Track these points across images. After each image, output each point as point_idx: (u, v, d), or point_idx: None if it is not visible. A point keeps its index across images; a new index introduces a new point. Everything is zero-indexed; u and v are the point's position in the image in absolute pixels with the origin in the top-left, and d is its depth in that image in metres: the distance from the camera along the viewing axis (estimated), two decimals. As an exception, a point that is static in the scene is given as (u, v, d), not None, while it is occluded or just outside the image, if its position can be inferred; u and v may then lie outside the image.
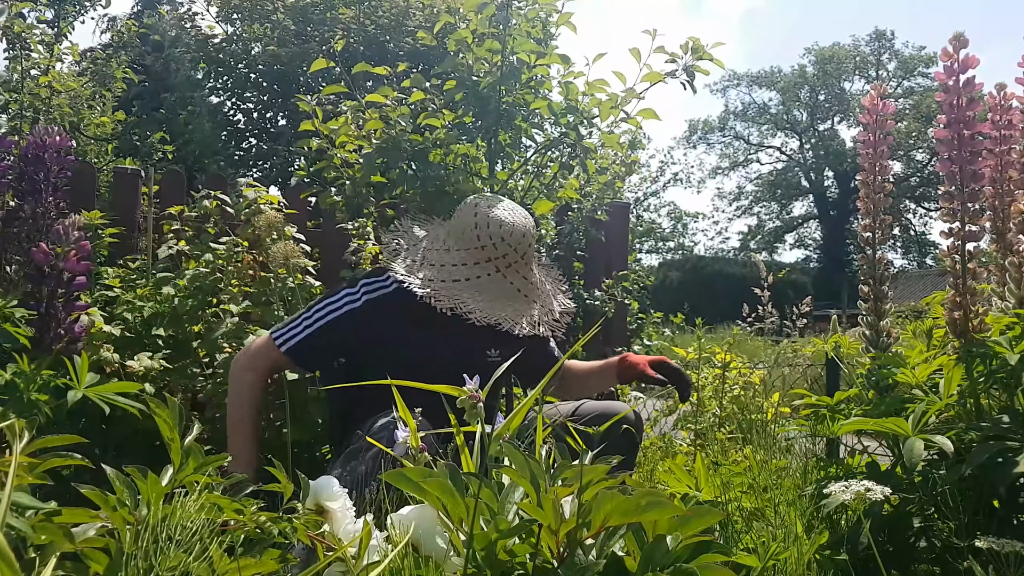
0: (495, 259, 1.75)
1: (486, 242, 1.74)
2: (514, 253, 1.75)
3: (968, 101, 1.50)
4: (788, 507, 1.33)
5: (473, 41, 2.20)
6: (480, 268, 1.74)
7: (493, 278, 1.75)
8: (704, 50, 2.19)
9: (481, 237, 1.74)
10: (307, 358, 1.80)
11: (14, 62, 4.61)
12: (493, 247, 1.74)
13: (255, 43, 11.67)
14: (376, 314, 1.76)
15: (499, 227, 1.74)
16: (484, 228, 1.74)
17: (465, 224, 1.77)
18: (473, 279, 1.74)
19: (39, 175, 1.55)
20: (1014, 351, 1.35)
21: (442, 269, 1.74)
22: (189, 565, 0.78)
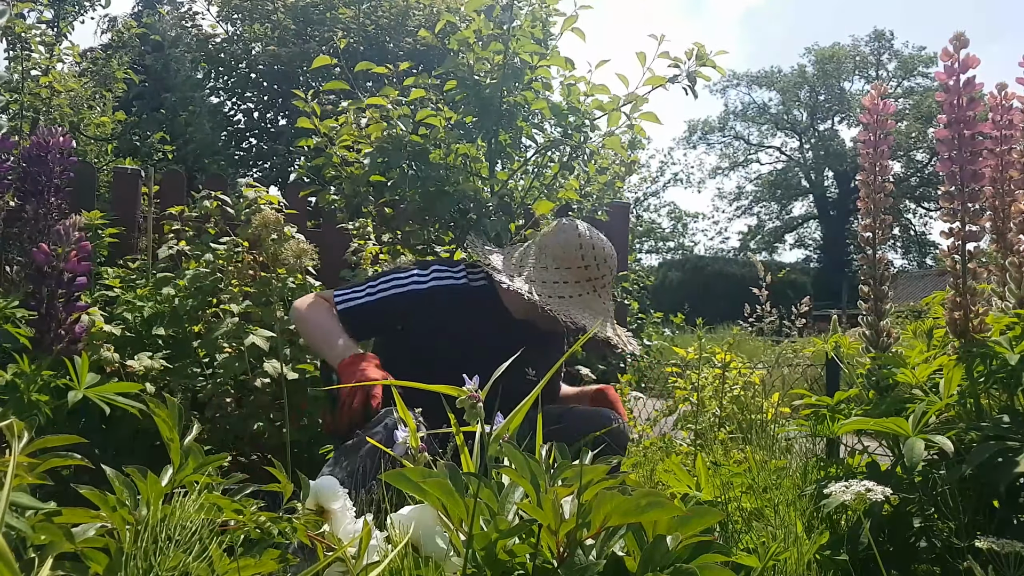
0: (594, 279, 1.84)
1: (590, 263, 1.83)
2: (610, 275, 1.86)
3: (968, 101, 1.50)
4: (788, 507, 1.33)
5: (475, 42, 2.20)
6: (580, 287, 1.83)
7: (591, 297, 1.84)
8: (708, 57, 2.20)
9: (586, 257, 1.83)
10: (356, 324, 1.84)
11: (15, 62, 4.61)
12: (596, 268, 1.83)
13: (255, 43, 11.68)
14: (437, 301, 1.81)
15: (603, 250, 1.85)
16: (589, 249, 1.83)
17: (568, 244, 1.84)
18: (576, 296, 1.82)
19: (41, 176, 1.55)
20: (1014, 351, 1.34)
21: (544, 285, 1.81)
22: (189, 565, 0.78)
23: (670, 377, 2.87)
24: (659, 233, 37.68)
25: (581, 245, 1.83)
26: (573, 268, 1.82)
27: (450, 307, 1.81)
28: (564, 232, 1.86)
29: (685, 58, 2.21)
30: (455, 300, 1.82)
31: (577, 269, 1.82)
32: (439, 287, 1.83)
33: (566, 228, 1.87)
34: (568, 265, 1.82)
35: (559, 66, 2.28)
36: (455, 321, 1.80)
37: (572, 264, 1.82)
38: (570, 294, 1.81)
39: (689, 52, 2.20)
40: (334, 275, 2.71)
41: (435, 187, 2.20)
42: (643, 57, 2.17)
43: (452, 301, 1.82)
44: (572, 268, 1.82)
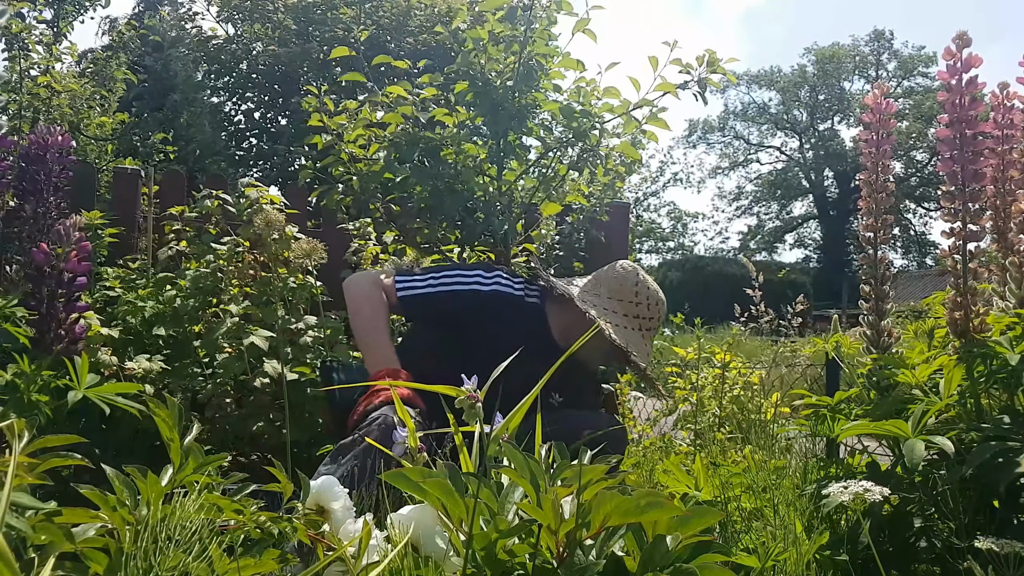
0: (643, 317, 1.92)
1: (642, 301, 1.91)
2: (657, 320, 1.94)
3: (970, 100, 1.50)
4: (788, 507, 1.33)
5: (489, 41, 2.20)
6: (629, 320, 1.90)
7: (637, 335, 1.90)
8: (719, 63, 2.20)
9: (639, 295, 1.91)
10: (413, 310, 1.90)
11: (12, 62, 4.61)
12: (647, 308, 1.91)
13: (256, 43, 11.68)
14: (493, 306, 1.85)
15: (657, 293, 1.95)
16: (644, 290, 1.92)
17: (625, 279, 1.93)
18: (622, 328, 1.87)
19: (40, 175, 1.55)
20: (1015, 351, 1.34)
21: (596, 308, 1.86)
22: (189, 565, 0.78)
23: (670, 377, 2.87)
24: (659, 233, 37.70)
25: (637, 283, 1.92)
26: (625, 301, 1.90)
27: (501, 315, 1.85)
28: (623, 269, 1.95)
29: (696, 64, 2.21)
30: (507, 310, 1.86)
31: (629, 303, 1.90)
32: (499, 293, 1.88)
33: (625, 267, 1.96)
34: (621, 298, 1.90)
35: (571, 68, 2.28)
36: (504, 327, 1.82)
37: (625, 297, 1.90)
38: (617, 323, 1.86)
39: (700, 59, 2.21)
40: (334, 275, 2.70)
41: (444, 185, 2.20)
42: (655, 63, 2.17)
43: (505, 310, 1.86)
44: (624, 301, 1.90)
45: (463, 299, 1.85)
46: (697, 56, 2.22)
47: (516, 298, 1.89)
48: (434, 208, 2.27)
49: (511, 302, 1.88)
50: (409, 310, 1.89)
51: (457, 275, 1.89)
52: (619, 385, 2.99)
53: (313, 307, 2.51)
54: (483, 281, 1.88)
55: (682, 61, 2.20)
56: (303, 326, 2.33)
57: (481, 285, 1.87)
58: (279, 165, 11.74)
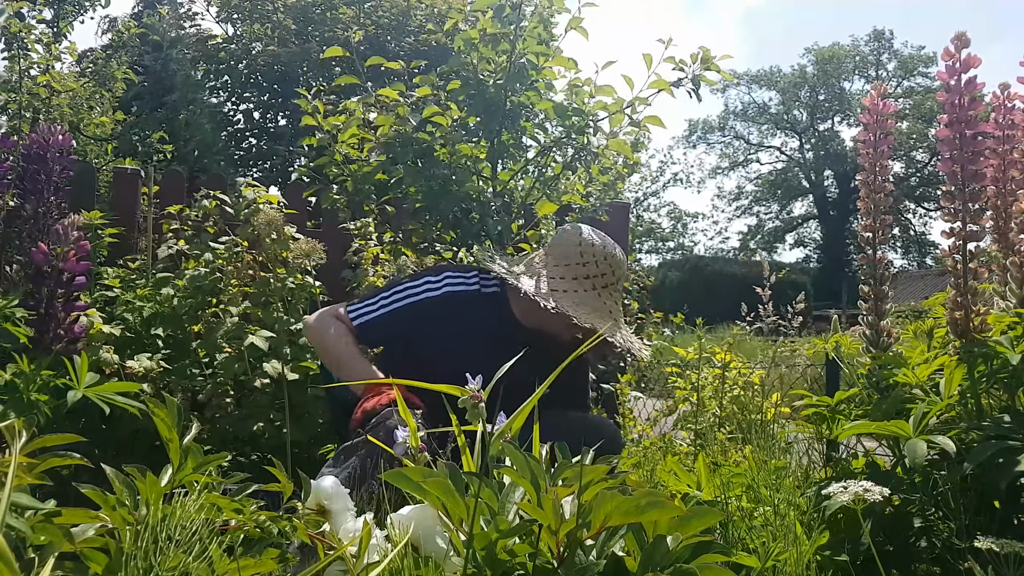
0: (594, 277, 1.84)
1: (589, 260, 1.83)
2: (612, 275, 1.85)
3: (970, 100, 1.50)
4: (788, 507, 1.33)
5: (480, 41, 2.19)
6: (578, 283, 1.83)
7: (590, 295, 1.83)
8: (712, 61, 2.20)
9: (584, 255, 1.84)
10: (373, 336, 1.85)
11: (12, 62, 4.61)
12: (595, 265, 1.84)
13: (255, 43, 11.68)
14: (451, 307, 1.82)
15: (603, 248, 1.86)
16: (588, 247, 1.84)
17: (568, 243, 1.86)
18: (571, 291, 1.82)
19: (41, 175, 1.55)
20: (1015, 351, 1.34)
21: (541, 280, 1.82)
22: (189, 565, 0.78)
23: (670, 377, 2.86)
24: (659, 233, 37.70)
25: (580, 243, 1.84)
26: (572, 265, 1.83)
27: (462, 313, 1.82)
28: (564, 233, 1.89)
29: (690, 62, 2.21)
30: (467, 306, 1.83)
31: (576, 266, 1.83)
32: (452, 293, 1.84)
33: (567, 230, 1.89)
34: (567, 263, 1.83)
35: (564, 67, 2.27)
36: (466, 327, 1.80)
37: (571, 261, 1.83)
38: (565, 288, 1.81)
39: (694, 56, 2.21)
40: (334, 275, 2.70)
41: (439, 186, 2.20)
42: (649, 60, 2.17)
43: (464, 307, 1.83)
44: (571, 265, 1.83)
45: (420, 308, 1.81)
46: (691, 54, 2.22)
47: (471, 292, 1.85)
48: (429, 209, 2.27)
49: (466, 298, 1.84)
50: (368, 336, 1.84)
51: (405, 288, 1.85)
52: (619, 385, 2.99)
53: (313, 307, 2.51)
54: (432, 286, 1.84)
55: (676, 59, 2.19)
56: (303, 326, 2.33)
57: (431, 291, 1.83)
58: (279, 165, 11.74)
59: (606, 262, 1.85)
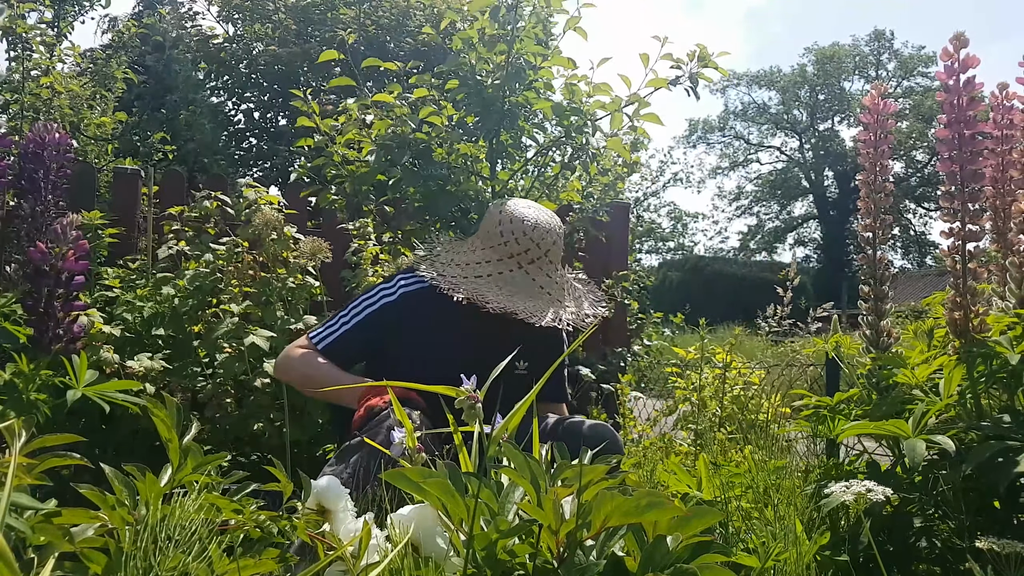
0: (517, 255, 1.77)
1: (508, 238, 1.77)
2: (537, 249, 1.78)
3: (969, 100, 1.50)
4: (788, 507, 1.33)
5: (478, 41, 2.19)
6: (503, 264, 1.77)
7: (516, 274, 1.77)
8: (710, 58, 2.19)
9: (504, 233, 1.78)
10: (342, 356, 1.81)
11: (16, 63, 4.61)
12: (516, 242, 1.77)
13: (256, 43, 11.68)
14: (411, 307, 1.80)
15: (522, 223, 1.78)
16: (507, 224, 1.78)
17: (491, 222, 1.81)
18: (495, 274, 1.76)
19: (39, 173, 1.55)
20: (1015, 351, 1.34)
21: (467, 267, 1.78)
22: (188, 565, 0.78)
23: (670, 377, 2.87)
24: (659, 233, 37.69)
25: (500, 221, 1.78)
26: (495, 245, 1.78)
27: (425, 310, 1.78)
28: (489, 211, 1.83)
29: (687, 59, 2.20)
30: (427, 301, 1.78)
31: (500, 246, 1.77)
32: (408, 292, 1.80)
33: (492, 207, 1.84)
34: (491, 243, 1.79)
35: (562, 66, 2.27)
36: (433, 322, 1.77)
37: (493, 241, 1.78)
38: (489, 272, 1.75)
39: (691, 54, 2.20)
40: (334, 275, 2.71)
41: (437, 186, 2.19)
42: (646, 58, 2.16)
43: (425, 303, 1.78)
44: (494, 246, 1.78)
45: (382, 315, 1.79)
46: (688, 51, 2.21)
47: (426, 289, 1.80)
48: (427, 209, 2.26)
49: (424, 295, 1.79)
50: (336, 355, 1.79)
51: (362, 301, 1.82)
52: (620, 385, 2.99)
53: (313, 307, 2.51)
54: (387, 291, 1.82)
55: (673, 56, 2.19)
56: (303, 326, 2.33)
57: (387, 297, 1.81)
58: (279, 165, 11.73)
59: (527, 237, 1.76)
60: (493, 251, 1.78)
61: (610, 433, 1.81)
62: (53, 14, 5.60)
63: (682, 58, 2.20)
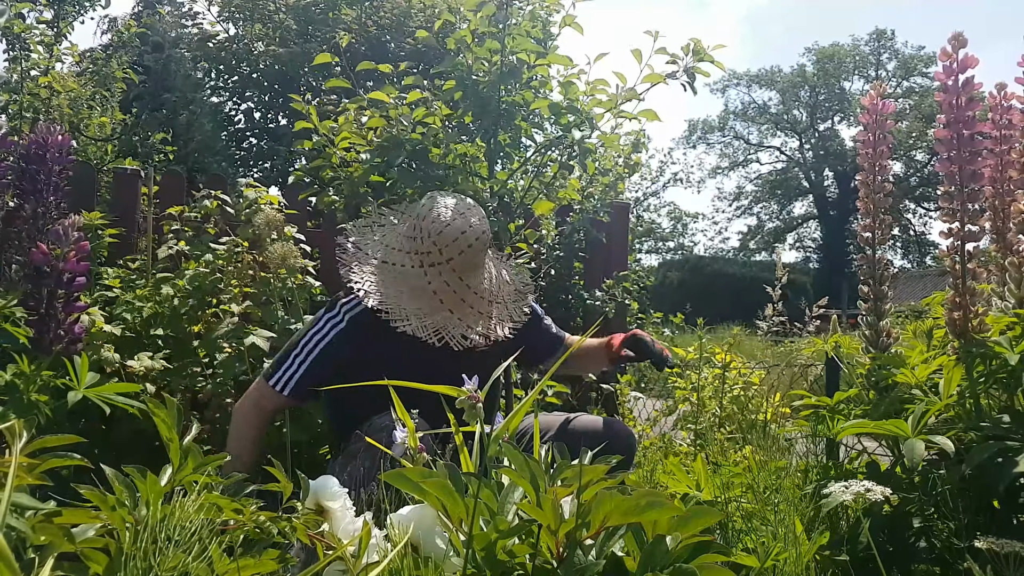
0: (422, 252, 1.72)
1: (418, 234, 1.72)
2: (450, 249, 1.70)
3: (967, 101, 1.50)
4: (787, 507, 1.33)
5: (473, 41, 2.19)
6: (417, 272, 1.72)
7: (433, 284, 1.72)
8: (705, 52, 2.18)
9: (419, 238, 1.72)
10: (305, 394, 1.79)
11: (14, 63, 4.61)
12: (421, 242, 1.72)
13: (256, 43, 11.68)
14: (362, 329, 1.76)
15: (432, 224, 1.71)
16: (423, 225, 1.71)
17: (413, 220, 1.75)
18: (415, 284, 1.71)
19: (40, 174, 1.55)
20: (1014, 351, 1.34)
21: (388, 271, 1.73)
22: (188, 565, 0.78)
23: (670, 377, 2.87)
24: (659, 233, 37.68)
25: (417, 226, 1.73)
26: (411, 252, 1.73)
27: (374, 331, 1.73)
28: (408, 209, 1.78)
29: (682, 54, 2.19)
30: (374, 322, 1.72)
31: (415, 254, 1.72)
32: (353, 317, 1.77)
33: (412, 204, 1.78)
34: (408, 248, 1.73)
35: (559, 64, 2.27)
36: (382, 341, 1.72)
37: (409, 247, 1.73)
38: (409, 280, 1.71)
39: (686, 48, 2.19)
40: (335, 275, 2.70)
41: (434, 187, 2.19)
42: (639, 54, 2.16)
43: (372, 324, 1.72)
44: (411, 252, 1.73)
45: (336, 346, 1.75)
46: (683, 46, 2.20)
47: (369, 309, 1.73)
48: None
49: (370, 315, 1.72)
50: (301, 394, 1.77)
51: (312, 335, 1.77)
52: (619, 385, 2.99)
53: (313, 307, 2.51)
54: (334, 320, 1.78)
55: (668, 51, 2.18)
56: (302, 326, 2.33)
57: (336, 324, 1.77)
58: (279, 165, 11.73)
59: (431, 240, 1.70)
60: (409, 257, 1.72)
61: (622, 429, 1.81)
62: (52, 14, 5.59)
63: (677, 53, 2.19)
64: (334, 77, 2.45)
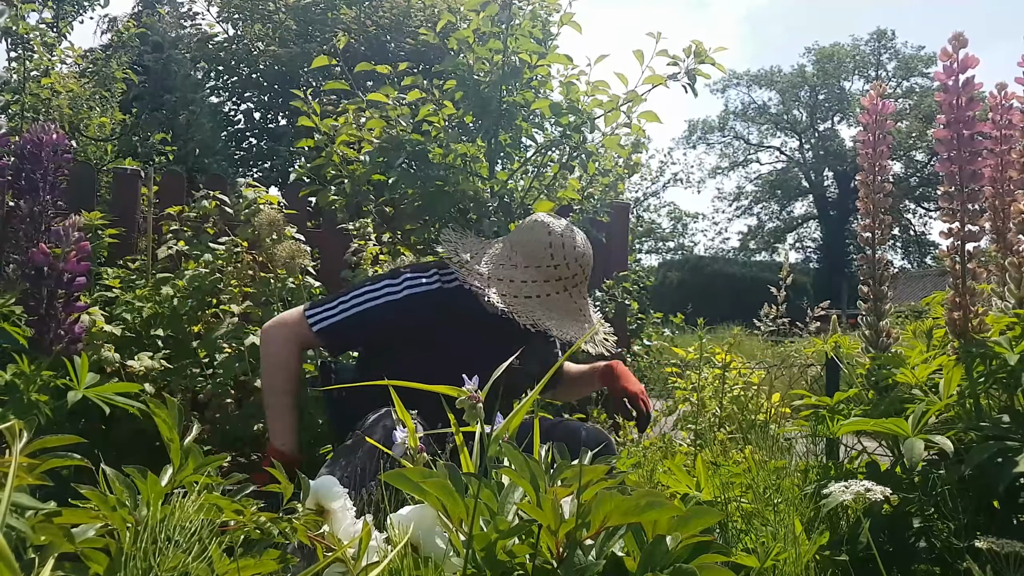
0: (564, 278, 1.81)
1: (559, 262, 1.80)
2: (581, 274, 1.84)
3: (967, 101, 1.50)
4: (787, 507, 1.33)
5: (475, 41, 2.19)
6: (550, 286, 1.80)
7: (561, 297, 1.81)
8: (706, 54, 2.18)
9: (555, 256, 1.80)
10: (335, 342, 1.82)
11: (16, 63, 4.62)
12: (566, 267, 1.81)
13: (256, 43, 11.68)
14: (413, 309, 1.79)
15: (573, 249, 1.82)
16: (559, 249, 1.81)
17: (537, 243, 1.82)
18: (543, 297, 1.79)
19: (36, 173, 1.55)
20: (1014, 351, 1.34)
21: (512, 285, 1.79)
22: (188, 565, 0.78)
23: (670, 377, 2.87)
24: (659, 233, 37.69)
25: (551, 244, 1.80)
26: (543, 267, 1.79)
27: (428, 313, 1.78)
28: (533, 230, 1.83)
29: (684, 56, 2.19)
30: (431, 305, 1.78)
31: (547, 268, 1.79)
32: (413, 295, 1.79)
33: (536, 226, 1.84)
34: (537, 264, 1.79)
35: (559, 63, 2.27)
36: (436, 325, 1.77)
37: (541, 263, 1.79)
38: (537, 293, 1.78)
39: (688, 50, 2.19)
40: (334, 275, 2.71)
41: (435, 187, 2.19)
42: (640, 55, 2.16)
43: (429, 307, 1.78)
44: (541, 267, 1.79)
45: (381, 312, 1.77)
46: (684, 48, 2.20)
47: (433, 291, 1.79)
48: (425, 209, 2.26)
49: (429, 296, 1.79)
50: (328, 340, 1.79)
51: (366, 292, 1.79)
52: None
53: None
54: (392, 288, 1.79)
55: (669, 53, 2.18)
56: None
57: (391, 295, 1.78)
58: (279, 165, 11.73)
59: (577, 263, 1.81)
60: (540, 272, 1.80)
61: (605, 436, 1.83)
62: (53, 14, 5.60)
63: (678, 55, 2.19)
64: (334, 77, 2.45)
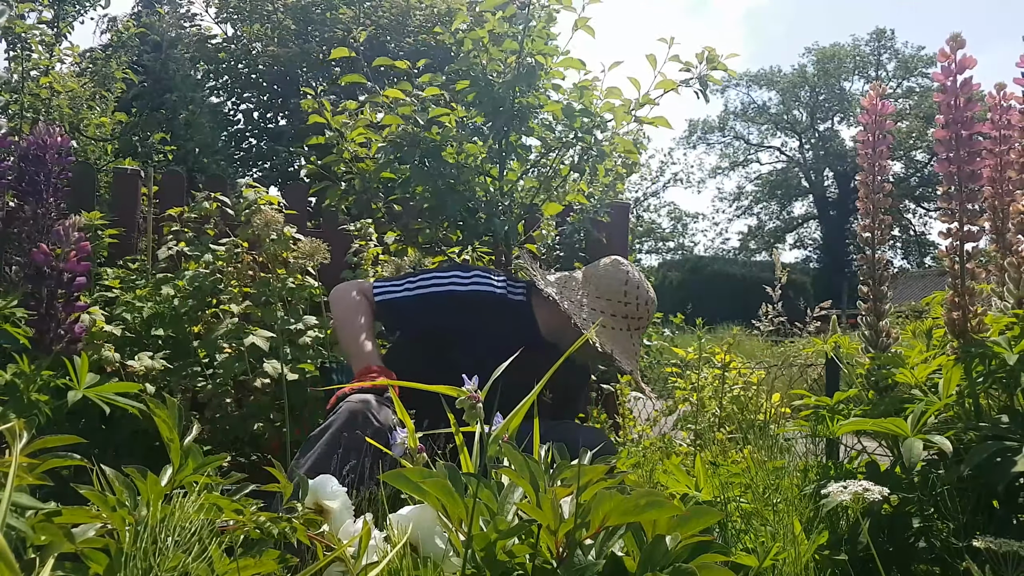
0: (632, 317, 1.87)
1: (631, 300, 1.86)
2: (646, 319, 1.90)
3: (966, 101, 1.50)
4: (787, 507, 1.33)
5: (489, 41, 2.19)
6: (616, 322, 1.86)
7: (623, 335, 1.87)
8: (719, 60, 2.19)
9: (629, 294, 1.86)
10: (392, 316, 1.87)
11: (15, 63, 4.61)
12: (635, 307, 1.87)
13: (255, 43, 11.68)
14: (473, 304, 1.83)
15: (647, 293, 1.90)
16: (634, 288, 1.87)
17: (615, 279, 1.88)
18: (609, 329, 1.84)
19: (39, 175, 1.55)
20: (1013, 351, 1.35)
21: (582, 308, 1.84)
22: (188, 565, 0.78)
23: (670, 377, 2.87)
24: (659, 233, 37.71)
25: (627, 282, 1.87)
26: (615, 302, 1.86)
27: (484, 313, 1.83)
28: (613, 267, 1.91)
29: (696, 61, 2.20)
30: (490, 308, 1.83)
31: (619, 304, 1.86)
32: (478, 292, 1.84)
33: (616, 264, 1.92)
34: (610, 298, 1.86)
35: (573, 67, 2.27)
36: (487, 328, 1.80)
37: (614, 297, 1.86)
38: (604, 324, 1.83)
39: (700, 55, 2.20)
40: (334, 275, 2.71)
41: (446, 185, 2.20)
42: (653, 60, 2.17)
43: (487, 308, 1.83)
44: (613, 301, 1.86)
45: (444, 300, 1.82)
46: (697, 53, 2.21)
47: (497, 296, 1.85)
48: (436, 208, 2.27)
49: (492, 300, 1.84)
50: (388, 314, 1.85)
51: (433, 278, 1.86)
52: (619, 385, 2.99)
53: (313, 307, 2.51)
54: (460, 281, 1.84)
55: (681, 58, 2.19)
56: (303, 326, 2.33)
57: (458, 285, 1.84)
58: (279, 165, 11.73)
59: (646, 307, 1.89)
60: (611, 305, 1.85)
61: (604, 437, 1.84)
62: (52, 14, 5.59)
63: (691, 60, 2.20)
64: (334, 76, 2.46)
